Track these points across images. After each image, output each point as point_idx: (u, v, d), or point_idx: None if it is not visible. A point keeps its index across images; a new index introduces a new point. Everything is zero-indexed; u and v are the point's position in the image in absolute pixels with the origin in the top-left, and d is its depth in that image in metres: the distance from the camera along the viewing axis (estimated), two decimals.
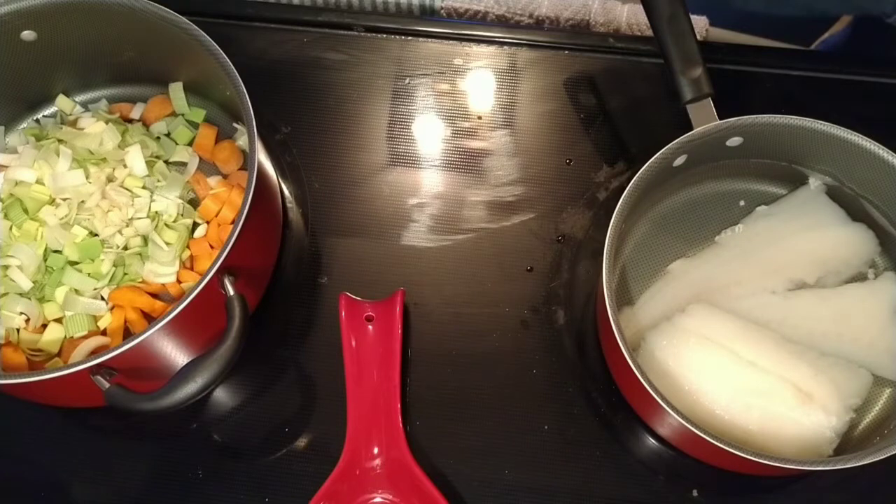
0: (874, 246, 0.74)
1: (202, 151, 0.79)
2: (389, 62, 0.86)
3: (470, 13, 0.90)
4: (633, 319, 0.73)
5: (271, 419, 0.73)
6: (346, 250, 0.79)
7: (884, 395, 0.71)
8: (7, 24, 0.71)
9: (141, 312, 0.72)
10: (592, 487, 0.71)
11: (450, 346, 0.75)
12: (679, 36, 0.69)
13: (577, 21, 0.89)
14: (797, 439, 0.66)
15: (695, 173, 0.75)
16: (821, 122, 0.69)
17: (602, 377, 0.74)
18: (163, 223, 0.74)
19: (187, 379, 0.61)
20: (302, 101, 0.84)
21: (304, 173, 0.81)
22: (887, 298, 0.71)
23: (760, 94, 0.84)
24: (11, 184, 0.73)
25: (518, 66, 0.85)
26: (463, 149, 0.82)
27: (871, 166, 0.69)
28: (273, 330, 0.76)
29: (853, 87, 0.84)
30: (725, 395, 0.67)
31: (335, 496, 0.68)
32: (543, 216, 0.79)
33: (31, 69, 0.76)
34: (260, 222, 0.71)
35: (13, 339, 0.70)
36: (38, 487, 0.72)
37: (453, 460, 0.72)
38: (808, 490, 0.71)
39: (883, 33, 0.89)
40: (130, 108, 0.81)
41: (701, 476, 0.71)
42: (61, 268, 0.71)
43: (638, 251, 0.76)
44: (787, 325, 0.71)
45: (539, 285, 0.77)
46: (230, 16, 0.86)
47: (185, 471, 0.72)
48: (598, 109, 0.83)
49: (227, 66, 0.68)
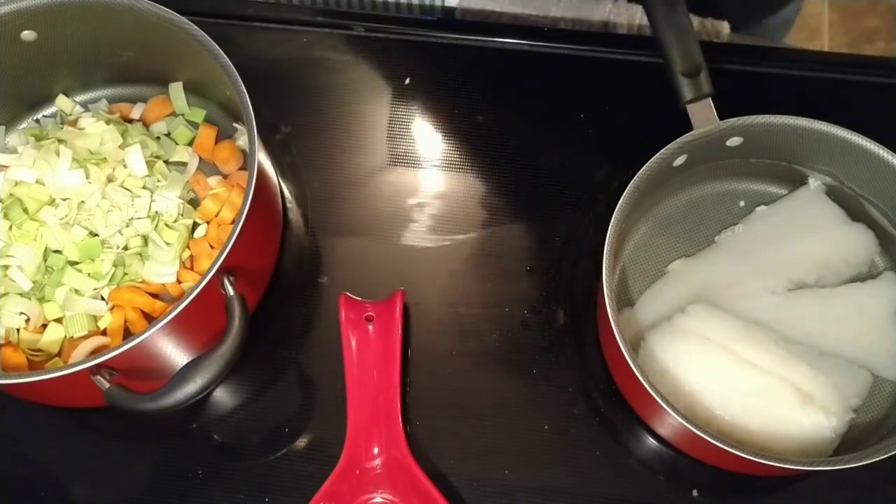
0: (874, 246, 0.74)
1: (202, 151, 0.79)
2: (389, 62, 0.86)
3: (484, 14, 0.90)
4: (633, 319, 0.73)
5: (271, 419, 0.73)
6: (346, 250, 0.79)
7: (884, 395, 0.71)
8: (7, 24, 0.71)
9: (141, 312, 0.72)
10: (592, 487, 0.71)
11: (450, 346, 0.75)
12: (679, 36, 0.69)
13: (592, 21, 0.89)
14: (797, 439, 0.66)
15: (695, 173, 0.75)
16: (821, 122, 0.69)
17: (602, 377, 0.74)
18: (163, 223, 0.74)
19: (187, 379, 0.61)
20: (302, 101, 0.84)
21: (304, 173, 0.81)
22: (887, 298, 0.71)
23: (760, 94, 0.84)
24: (11, 184, 0.73)
25: (518, 66, 0.85)
26: (463, 149, 0.82)
27: (871, 166, 0.69)
28: (273, 330, 0.76)
29: (853, 87, 0.84)
30: (725, 395, 0.67)
31: (335, 496, 0.68)
32: (543, 216, 0.79)
33: (31, 69, 0.76)
34: (260, 222, 0.71)
35: (13, 339, 0.70)
36: (38, 487, 0.72)
37: (453, 460, 0.72)
38: (808, 490, 0.71)
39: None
40: (130, 108, 0.81)
41: (701, 476, 0.71)
42: (61, 268, 0.71)
43: (638, 251, 0.76)
44: (787, 325, 0.71)
45: (539, 285, 0.77)
46: (230, 16, 0.86)
47: (185, 471, 0.72)
48: (599, 109, 0.83)
49: (227, 66, 0.68)
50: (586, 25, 0.90)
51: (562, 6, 0.89)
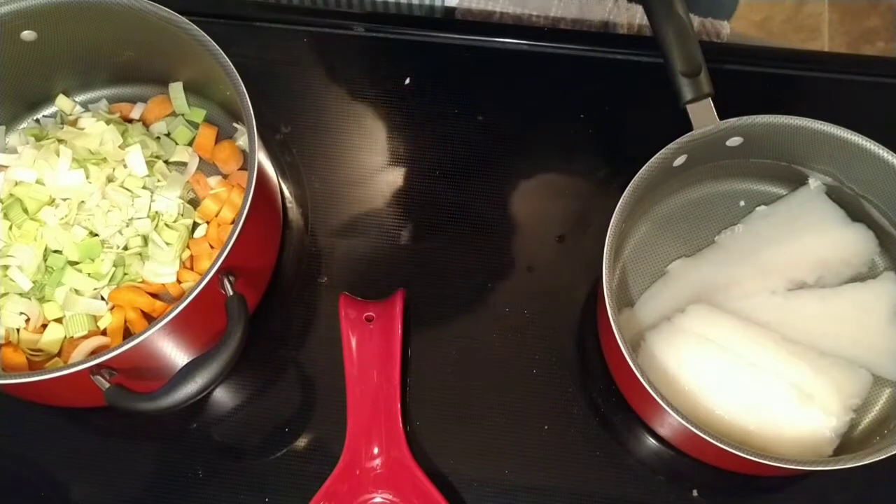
0: (874, 246, 0.74)
1: (202, 151, 0.79)
2: (389, 62, 0.86)
3: (485, 14, 0.90)
4: (633, 319, 0.73)
5: (271, 419, 0.73)
6: (346, 250, 0.79)
7: (884, 395, 0.71)
8: (7, 24, 0.71)
9: (141, 312, 0.72)
10: (592, 487, 0.71)
11: (450, 346, 0.75)
12: (679, 36, 0.69)
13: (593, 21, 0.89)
14: (797, 439, 0.66)
15: (695, 173, 0.75)
16: (821, 122, 0.69)
17: (602, 377, 0.74)
18: (163, 223, 0.74)
19: (187, 379, 0.61)
20: (302, 101, 0.84)
21: (304, 173, 0.81)
22: (887, 298, 0.71)
23: (760, 94, 0.84)
24: (11, 184, 0.73)
25: (517, 66, 0.85)
26: (463, 149, 0.82)
27: (871, 166, 0.69)
28: (273, 330, 0.76)
29: (853, 87, 0.84)
30: (725, 395, 0.67)
31: (335, 496, 0.68)
32: (543, 216, 0.79)
33: (31, 69, 0.76)
34: (260, 222, 0.71)
35: (13, 339, 0.70)
36: (38, 487, 0.72)
37: (453, 460, 0.72)
38: (807, 490, 0.71)
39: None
40: (130, 108, 0.81)
41: (701, 476, 0.71)
42: (61, 268, 0.71)
43: (638, 251, 0.76)
44: (787, 325, 0.71)
45: (539, 285, 0.77)
46: (230, 16, 0.86)
47: (185, 471, 0.72)
48: (598, 109, 0.83)
49: (227, 66, 0.68)
50: (586, 25, 0.90)
51: (562, 6, 0.89)
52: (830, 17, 1.87)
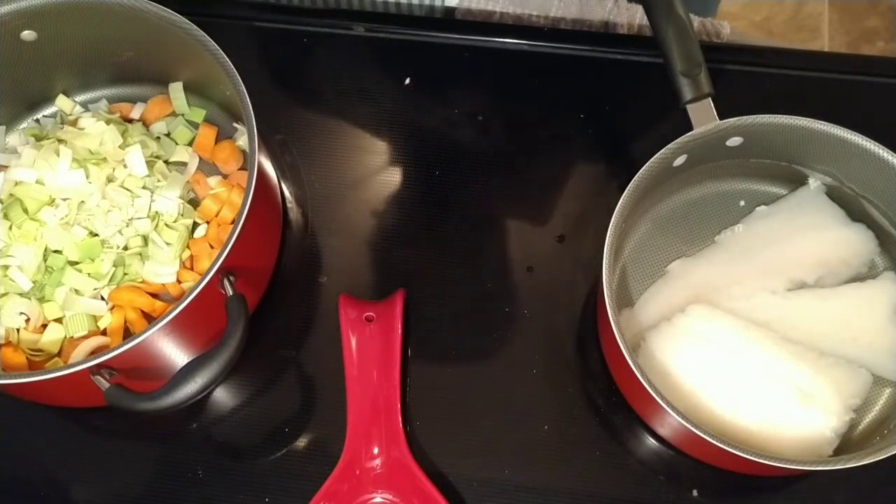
0: (874, 246, 0.74)
1: (202, 151, 0.79)
2: (389, 62, 0.86)
3: (485, 14, 0.90)
4: (633, 319, 0.73)
5: (271, 419, 0.73)
6: (346, 250, 0.79)
7: (884, 395, 0.71)
8: (7, 24, 0.71)
9: (141, 312, 0.72)
10: (592, 487, 0.71)
11: (450, 346, 0.75)
12: (679, 36, 0.69)
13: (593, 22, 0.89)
14: (797, 439, 0.66)
15: (695, 173, 0.75)
16: (821, 122, 0.69)
17: (602, 377, 0.74)
18: (163, 223, 0.74)
19: (187, 379, 0.61)
20: (302, 101, 0.84)
21: (304, 173, 0.81)
22: (887, 298, 0.71)
23: (760, 94, 0.84)
24: (11, 184, 0.73)
25: (518, 66, 0.85)
26: (463, 149, 0.82)
27: (871, 166, 0.69)
28: (273, 330, 0.76)
29: (853, 87, 0.84)
30: (725, 396, 0.67)
31: (335, 496, 0.68)
32: (543, 216, 0.79)
33: (31, 69, 0.76)
34: (260, 222, 0.71)
35: (13, 339, 0.70)
36: (38, 487, 0.72)
37: (453, 460, 0.72)
38: (808, 490, 0.71)
39: None
40: (130, 108, 0.81)
41: (701, 476, 0.71)
42: (61, 268, 0.71)
43: (638, 251, 0.76)
44: (787, 325, 0.71)
45: (539, 285, 0.77)
46: (230, 16, 0.86)
47: (185, 471, 0.72)
48: (598, 109, 0.83)
49: (227, 66, 0.68)
50: (586, 25, 0.90)
51: (562, 6, 0.89)
52: (830, 17, 1.87)
